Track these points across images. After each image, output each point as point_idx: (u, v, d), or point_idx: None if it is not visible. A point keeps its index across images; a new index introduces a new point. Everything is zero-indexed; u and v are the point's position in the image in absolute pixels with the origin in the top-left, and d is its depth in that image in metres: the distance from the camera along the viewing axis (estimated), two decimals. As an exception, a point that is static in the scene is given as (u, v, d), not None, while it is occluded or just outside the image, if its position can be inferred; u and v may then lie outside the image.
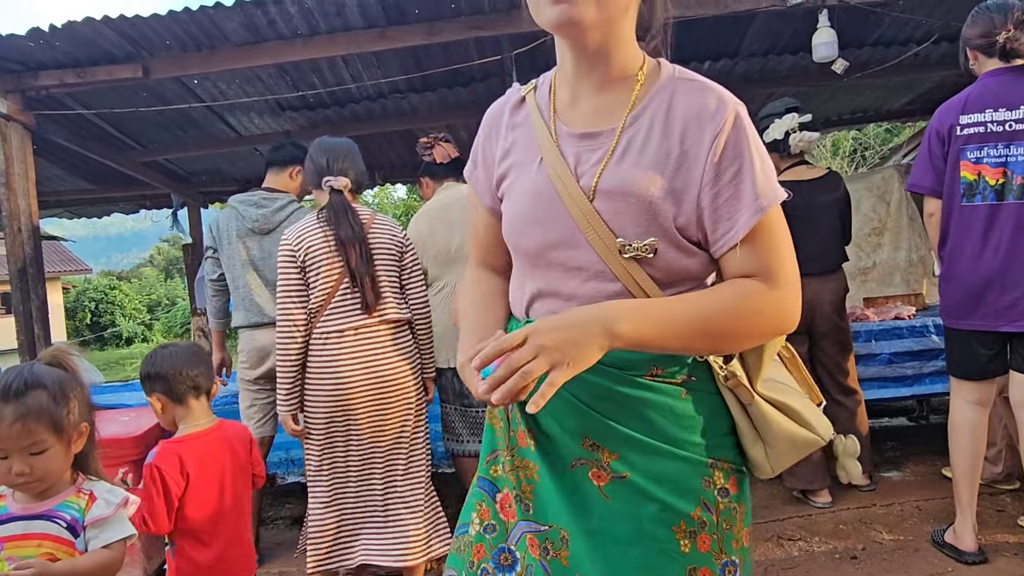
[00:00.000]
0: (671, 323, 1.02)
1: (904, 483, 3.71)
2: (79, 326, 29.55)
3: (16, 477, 1.48)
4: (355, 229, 2.62)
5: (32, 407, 1.46)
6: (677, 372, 1.10)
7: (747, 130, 1.03)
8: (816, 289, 3.40)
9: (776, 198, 1.03)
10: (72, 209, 7.12)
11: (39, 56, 3.75)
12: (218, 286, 3.44)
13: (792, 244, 1.08)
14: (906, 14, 4.12)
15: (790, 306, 1.07)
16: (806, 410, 1.17)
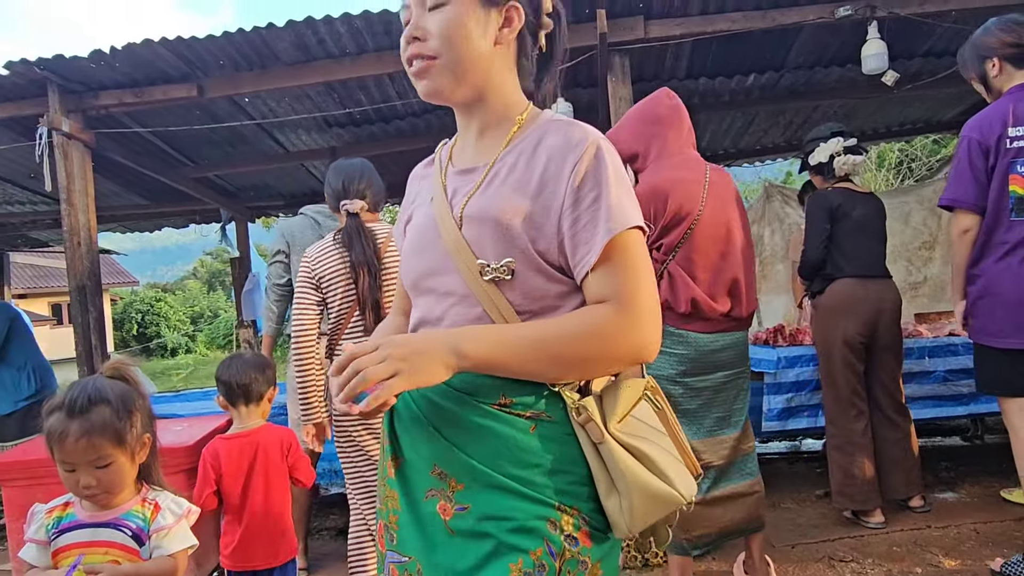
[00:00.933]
0: (514, 345, 1.03)
1: (960, 505, 3.60)
2: (126, 337, 30.29)
3: (84, 489, 1.52)
4: (367, 253, 2.62)
5: (96, 422, 1.51)
6: (529, 404, 1.07)
7: (607, 159, 1.06)
8: (879, 293, 3.38)
9: (627, 222, 1.04)
10: (126, 224, 7.33)
11: (99, 77, 3.89)
12: (283, 291, 3.45)
13: (652, 275, 1.08)
14: (958, 24, 4.04)
15: (639, 333, 1.04)
16: (667, 463, 1.09)
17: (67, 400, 1.53)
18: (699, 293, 2.53)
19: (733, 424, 2.65)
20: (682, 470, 1.11)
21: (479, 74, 1.13)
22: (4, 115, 4.07)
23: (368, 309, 2.60)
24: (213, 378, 2.58)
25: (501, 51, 1.15)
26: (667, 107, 2.69)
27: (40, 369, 4.93)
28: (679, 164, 2.62)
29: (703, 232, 2.57)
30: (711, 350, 2.60)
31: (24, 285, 22.57)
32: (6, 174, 5.42)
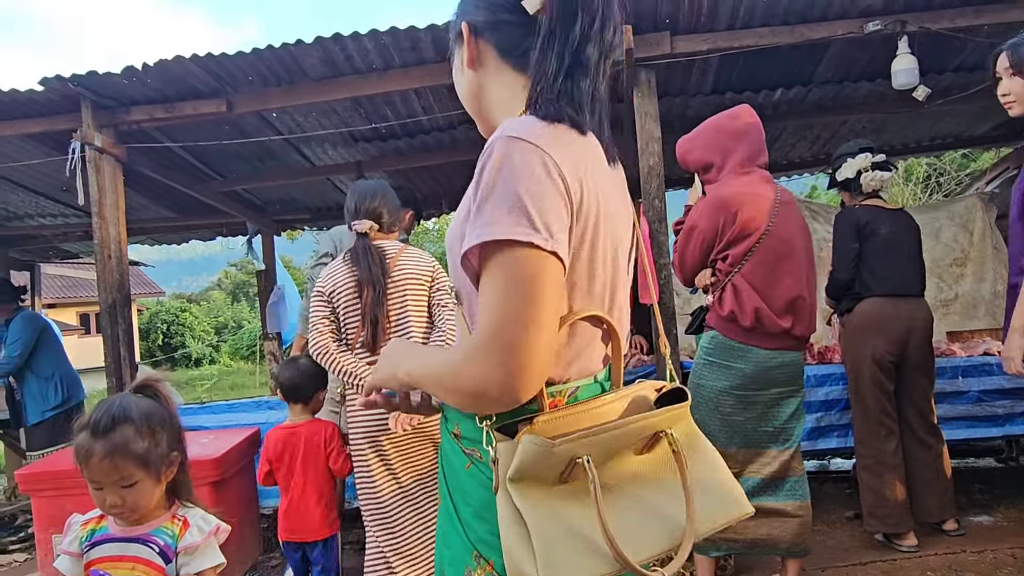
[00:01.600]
0: (425, 369, 1.02)
1: (996, 528, 3.52)
2: (152, 347, 30.66)
3: (110, 508, 1.53)
4: (373, 271, 2.73)
5: (119, 443, 1.52)
6: (470, 439, 1.04)
7: (493, 159, 0.91)
8: (909, 312, 3.32)
9: (481, 236, 0.89)
10: (154, 236, 7.42)
11: (131, 92, 3.95)
12: None
13: (526, 303, 0.88)
14: (991, 39, 3.97)
15: (472, 371, 0.90)
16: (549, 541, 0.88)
17: (91, 420, 1.55)
18: (763, 305, 2.55)
19: (783, 441, 2.65)
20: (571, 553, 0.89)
21: (476, 105, 1.15)
22: (38, 130, 4.14)
23: (368, 324, 2.70)
24: (237, 389, 2.85)
25: (481, 71, 1.11)
26: (745, 123, 2.73)
27: (67, 379, 5.01)
28: (751, 180, 2.66)
29: (770, 248, 2.59)
30: (768, 367, 2.61)
31: (53, 295, 22.96)
32: (39, 187, 5.51)
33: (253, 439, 3.65)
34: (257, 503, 3.83)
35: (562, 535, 0.89)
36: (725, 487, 1.05)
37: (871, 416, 3.34)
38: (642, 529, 0.94)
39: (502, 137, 0.92)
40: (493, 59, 1.09)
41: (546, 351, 0.91)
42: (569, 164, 0.93)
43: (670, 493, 0.99)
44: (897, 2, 3.60)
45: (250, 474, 3.67)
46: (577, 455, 0.91)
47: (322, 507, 2.92)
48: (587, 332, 1.03)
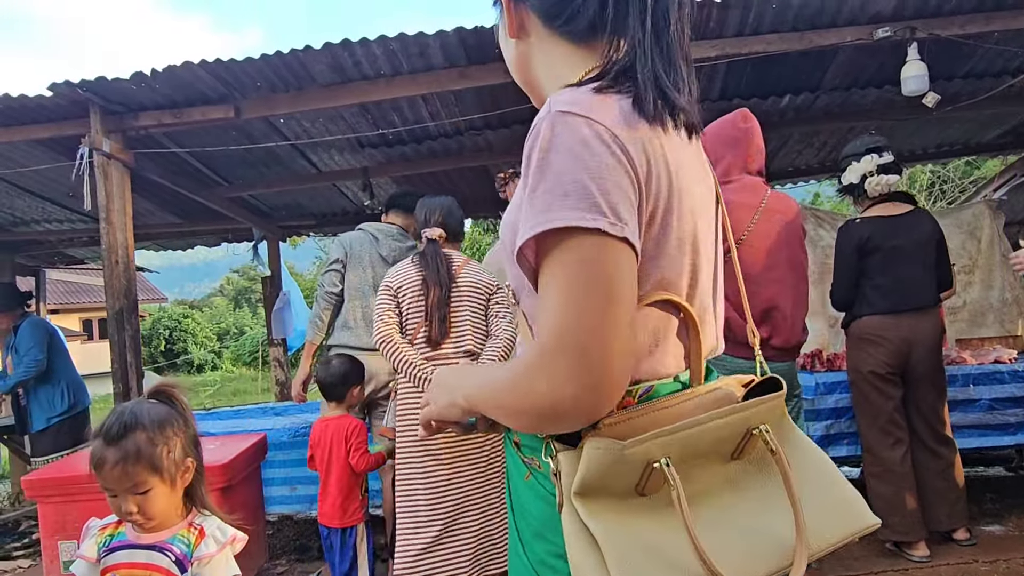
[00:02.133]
0: (483, 391, 0.89)
1: (1008, 538, 3.49)
2: (154, 353, 30.66)
3: (126, 515, 1.52)
4: (440, 272, 2.95)
5: (131, 450, 1.50)
6: (531, 447, 0.94)
7: (539, 142, 0.80)
8: (911, 327, 3.27)
9: (541, 224, 0.77)
10: (160, 242, 7.43)
11: (140, 98, 3.95)
12: (335, 300, 3.59)
13: (597, 295, 0.76)
14: (1000, 45, 3.97)
15: (542, 379, 0.77)
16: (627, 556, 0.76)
17: (104, 427, 1.53)
18: (733, 314, 2.51)
19: None
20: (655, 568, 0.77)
21: (524, 77, 1.03)
22: (47, 135, 4.14)
23: (435, 320, 2.89)
24: (240, 395, 2.88)
25: (527, 40, 0.99)
26: (738, 129, 2.71)
27: (73, 385, 5.00)
28: (736, 188, 2.63)
29: (747, 256, 2.55)
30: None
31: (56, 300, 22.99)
32: (46, 193, 5.52)
33: (260, 445, 3.63)
34: (263, 510, 3.81)
35: (643, 557, 0.76)
36: (840, 495, 0.89)
37: (877, 424, 3.31)
38: (739, 547, 0.80)
39: (549, 113, 0.81)
40: (537, 27, 0.97)
41: (626, 354, 0.78)
42: (630, 134, 0.80)
43: (771, 504, 0.85)
44: (907, 8, 3.59)
45: (257, 481, 3.65)
46: (653, 458, 0.79)
47: (340, 498, 3.05)
48: (663, 322, 0.89)
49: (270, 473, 4.10)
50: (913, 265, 3.30)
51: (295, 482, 4.27)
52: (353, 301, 3.54)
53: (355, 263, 3.56)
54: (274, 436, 4.00)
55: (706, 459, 0.85)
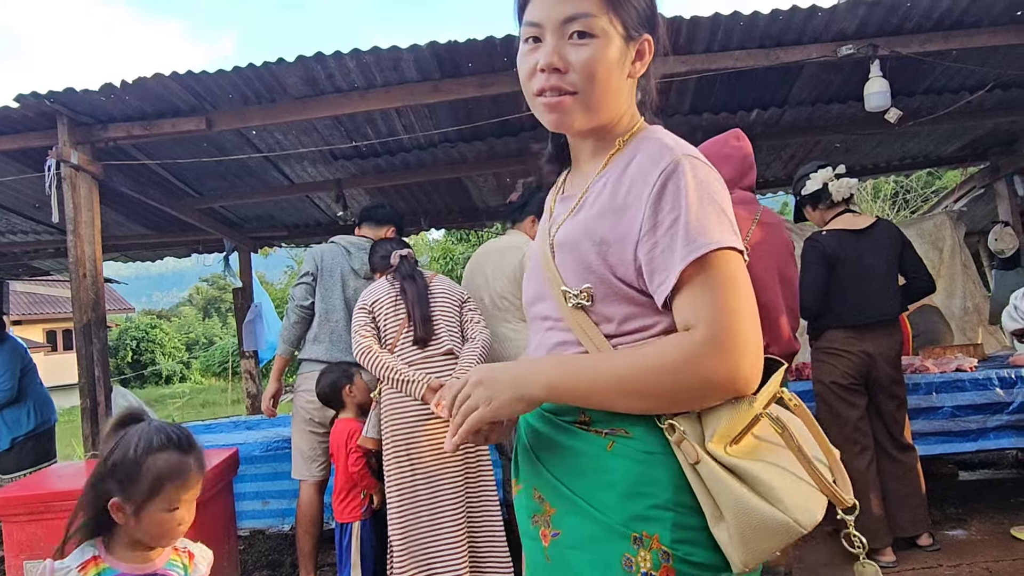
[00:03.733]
0: (591, 379, 1.02)
1: (970, 543, 3.58)
2: (120, 364, 30.08)
3: (178, 526, 1.51)
4: (417, 279, 3.17)
5: (202, 455, 1.58)
6: (607, 422, 1.05)
7: (687, 176, 1.00)
8: (874, 341, 3.35)
9: (710, 244, 0.96)
10: (128, 253, 7.31)
11: (109, 109, 3.91)
12: (305, 313, 3.56)
13: (748, 300, 1.00)
14: (959, 63, 4.11)
15: (726, 363, 0.96)
16: (785, 486, 0.96)
17: (175, 438, 1.53)
18: None
19: None
20: (806, 494, 0.98)
21: (611, 109, 1.11)
22: (13, 147, 4.08)
23: (417, 321, 3.04)
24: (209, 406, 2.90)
25: (631, 82, 1.13)
26: (732, 147, 2.80)
27: (40, 403, 4.88)
28: (733, 200, 2.65)
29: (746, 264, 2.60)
30: None
31: (20, 311, 22.50)
32: (11, 204, 5.42)
33: (231, 460, 3.59)
34: (235, 526, 3.77)
35: (788, 479, 0.98)
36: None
37: (843, 434, 3.38)
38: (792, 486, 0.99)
39: (686, 156, 1.02)
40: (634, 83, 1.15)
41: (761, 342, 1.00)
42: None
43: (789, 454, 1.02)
44: (869, 27, 3.69)
45: (228, 496, 3.61)
46: (760, 411, 1.00)
47: (340, 495, 3.23)
48: None
49: (242, 487, 4.06)
50: (877, 279, 3.39)
51: (267, 496, 4.23)
52: (324, 314, 3.52)
53: (326, 276, 3.55)
54: (246, 450, 3.96)
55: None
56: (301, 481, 3.53)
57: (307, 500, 3.49)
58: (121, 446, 1.50)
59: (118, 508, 1.46)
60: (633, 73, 1.11)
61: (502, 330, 3.38)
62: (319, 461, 3.49)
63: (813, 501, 0.98)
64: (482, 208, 6.74)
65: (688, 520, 0.99)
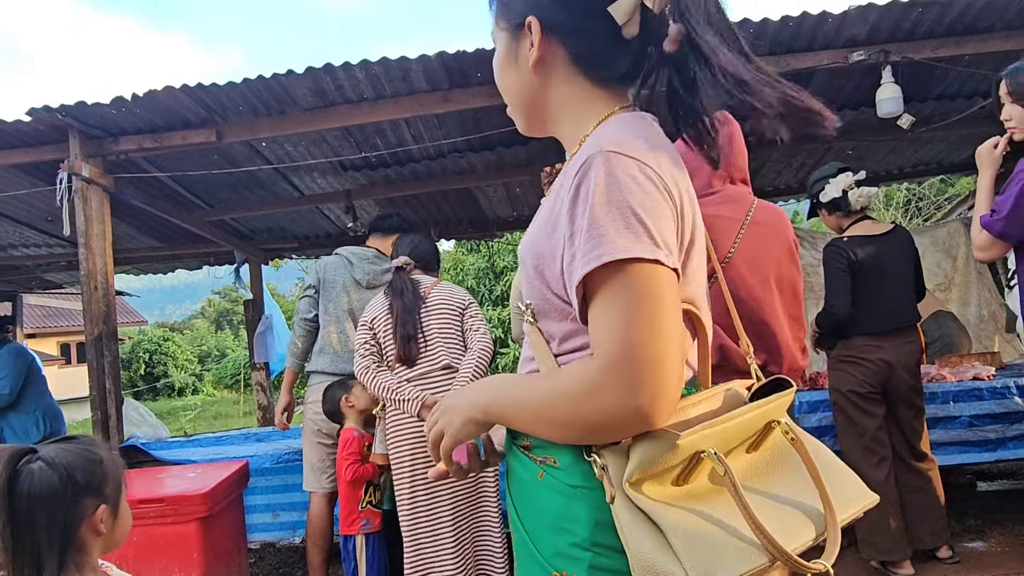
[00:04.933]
0: (514, 404, 0.96)
1: (990, 554, 3.51)
2: (133, 376, 30.23)
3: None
4: (406, 295, 3.07)
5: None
6: (543, 448, 0.98)
7: (596, 177, 0.86)
8: (892, 349, 3.29)
9: (608, 254, 0.83)
10: (140, 266, 7.35)
11: (120, 122, 3.93)
12: (309, 326, 3.56)
13: (654, 323, 0.84)
14: (971, 68, 4.07)
15: (621, 392, 0.83)
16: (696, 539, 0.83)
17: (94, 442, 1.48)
18: (727, 341, 2.33)
19: None
20: (732, 550, 0.84)
21: (531, 107, 1.06)
22: (25, 160, 4.11)
23: (399, 340, 2.99)
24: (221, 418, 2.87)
25: (545, 73, 1.02)
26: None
27: (49, 414, 4.88)
28: (719, 200, 2.44)
29: (734, 275, 2.38)
30: None
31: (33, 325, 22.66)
32: (24, 218, 5.46)
33: (242, 473, 3.58)
34: (245, 538, 3.75)
35: (705, 530, 0.84)
36: (845, 476, 1.00)
37: (861, 444, 3.33)
38: (782, 520, 0.88)
39: (601, 152, 0.88)
40: (564, 65, 1.01)
41: (680, 368, 0.86)
42: (669, 173, 0.90)
43: (796, 483, 0.94)
44: (880, 32, 3.67)
45: (239, 508, 3.60)
46: (699, 448, 0.86)
47: (343, 507, 3.23)
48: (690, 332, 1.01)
49: (252, 500, 4.04)
50: (896, 286, 3.34)
51: (277, 509, 4.21)
52: (328, 327, 3.51)
53: (328, 288, 3.54)
54: (256, 463, 3.94)
55: (735, 450, 0.94)
56: (311, 493, 3.52)
57: (316, 512, 3.48)
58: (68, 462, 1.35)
59: (101, 517, 1.37)
60: (534, 62, 1.00)
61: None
62: (328, 473, 3.48)
63: (734, 559, 0.83)
64: (492, 218, 6.73)
65: (607, 562, 0.90)
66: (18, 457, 1.31)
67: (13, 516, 1.27)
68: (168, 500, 3.10)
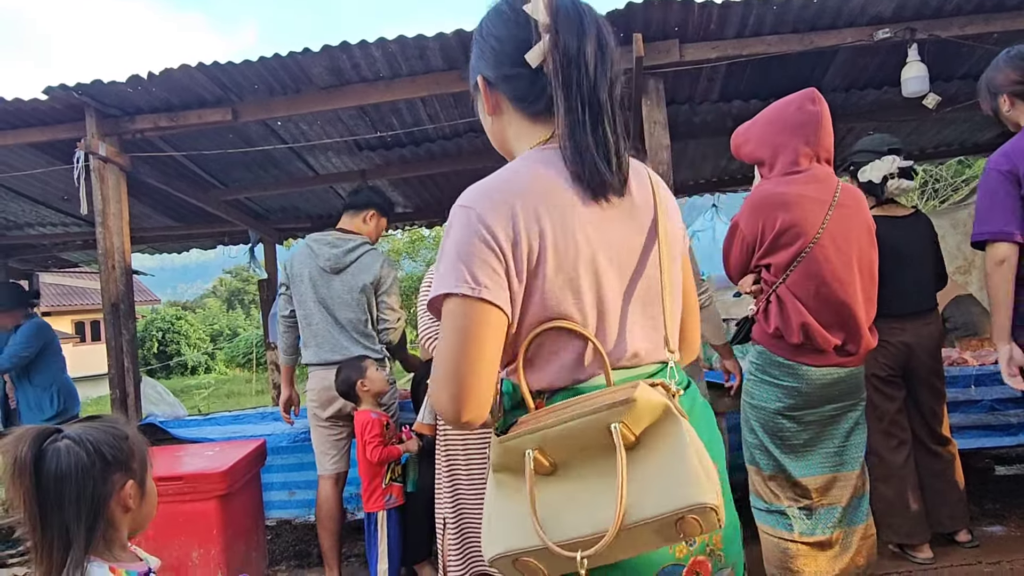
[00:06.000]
0: None
1: (1010, 539, 3.49)
2: (147, 355, 30.50)
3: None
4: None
5: None
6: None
7: (447, 225, 1.11)
8: (913, 331, 3.25)
9: (435, 291, 1.08)
10: (155, 245, 7.38)
11: (136, 101, 3.92)
12: (289, 322, 3.55)
13: (456, 347, 1.06)
14: (1000, 46, 3.97)
15: (435, 399, 1.10)
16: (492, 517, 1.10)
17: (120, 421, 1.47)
18: (811, 320, 2.37)
19: (850, 461, 2.51)
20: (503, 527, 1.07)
21: (500, 145, 1.30)
22: (42, 139, 4.11)
23: None
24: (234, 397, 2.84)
25: (499, 116, 1.25)
26: (806, 112, 2.45)
27: (64, 390, 4.90)
28: (804, 179, 2.44)
29: (821, 256, 2.40)
30: (823, 384, 2.44)
31: (48, 303, 22.86)
32: (40, 197, 5.47)
33: (259, 451, 3.60)
34: (263, 516, 3.78)
35: (500, 512, 1.07)
36: (679, 478, 0.99)
37: (880, 427, 3.30)
38: (576, 514, 1.01)
39: (455, 204, 1.11)
40: (508, 106, 1.23)
41: (486, 386, 1.07)
42: (512, 217, 1.07)
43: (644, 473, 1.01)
44: (907, 10, 3.59)
45: (256, 486, 3.62)
46: (524, 448, 1.05)
47: (364, 485, 3.22)
48: (557, 344, 1.13)
49: (269, 478, 4.07)
50: (916, 268, 3.29)
51: (294, 487, 4.24)
52: (304, 320, 3.47)
53: (297, 282, 3.47)
54: (273, 441, 3.97)
55: (591, 450, 1.03)
56: (319, 476, 3.54)
57: (322, 495, 3.49)
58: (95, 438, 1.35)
59: (130, 493, 1.37)
60: (489, 111, 1.25)
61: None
62: (330, 455, 3.49)
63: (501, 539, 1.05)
64: (506, 199, 6.68)
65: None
66: (43, 437, 1.31)
67: (40, 495, 1.27)
68: (187, 478, 3.12)
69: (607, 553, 0.98)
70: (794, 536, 2.48)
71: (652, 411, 1.02)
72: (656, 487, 0.99)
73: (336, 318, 3.39)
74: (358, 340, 3.41)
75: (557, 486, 1.04)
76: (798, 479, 2.47)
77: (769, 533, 2.54)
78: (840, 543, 2.48)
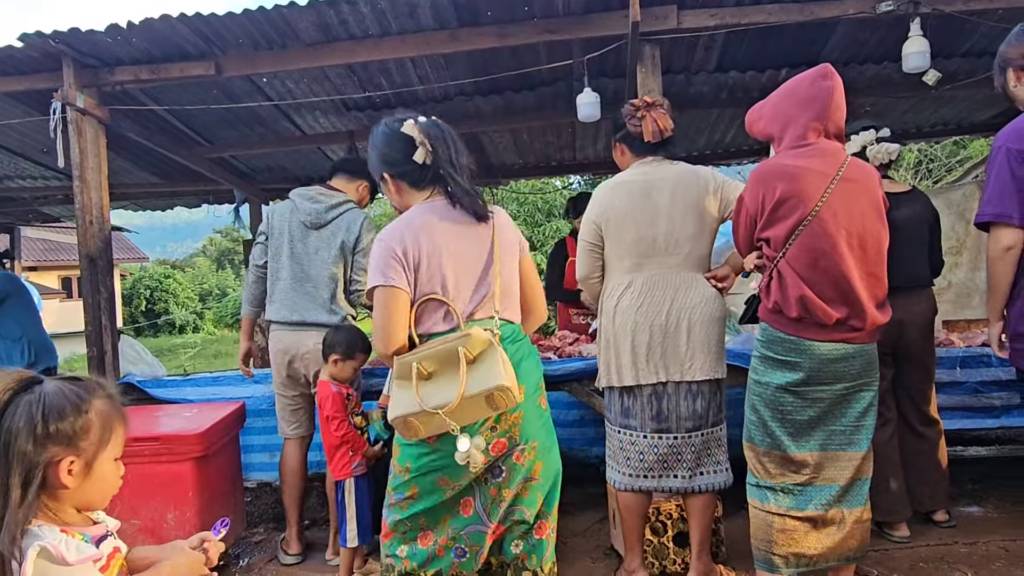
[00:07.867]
0: None
1: (986, 520, 3.51)
2: (134, 312, 30.37)
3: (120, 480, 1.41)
4: None
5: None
6: None
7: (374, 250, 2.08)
8: (903, 306, 3.21)
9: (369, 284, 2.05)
10: (138, 202, 7.25)
11: (116, 52, 3.79)
12: (259, 272, 3.48)
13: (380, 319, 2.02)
14: (1003, 23, 3.89)
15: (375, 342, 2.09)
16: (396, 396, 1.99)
17: (103, 385, 1.39)
18: (809, 293, 2.34)
19: (859, 442, 2.48)
20: (401, 401, 1.96)
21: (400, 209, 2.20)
22: (19, 88, 3.98)
23: None
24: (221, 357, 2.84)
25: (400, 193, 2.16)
26: (817, 87, 2.43)
27: (36, 344, 4.73)
28: (810, 152, 2.40)
29: (820, 229, 2.36)
30: (830, 360, 2.40)
31: (35, 258, 22.65)
32: (18, 148, 5.34)
33: (238, 413, 3.56)
34: (241, 478, 3.75)
35: (398, 397, 1.97)
36: (492, 377, 1.88)
37: (865, 404, 3.29)
38: (439, 395, 1.90)
39: (377, 237, 2.07)
40: (405, 186, 2.13)
41: (401, 333, 2.01)
42: (404, 241, 2.00)
43: (475, 375, 1.90)
44: (911, -18, 3.50)
45: (235, 449, 3.59)
46: (411, 362, 1.96)
47: (329, 455, 3.09)
48: (432, 308, 2.05)
49: (249, 440, 4.03)
50: (909, 244, 3.25)
51: (274, 449, 4.20)
52: (274, 274, 3.40)
53: (276, 236, 3.40)
54: (253, 404, 3.93)
55: (449, 364, 1.94)
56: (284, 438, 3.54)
57: (284, 455, 3.49)
58: (50, 403, 1.28)
59: (68, 468, 1.28)
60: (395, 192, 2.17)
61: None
62: (289, 422, 3.48)
63: (403, 407, 1.94)
64: (497, 165, 6.60)
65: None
66: (22, 386, 1.30)
67: None
68: (163, 439, 3.08)
69: (456, 415, 1.88)
70: (781, 510, 2.47)
71: (482, 343, 1.92)
72: (479, 379, 1.88)
73: (307, 275, 3.32)
74: (320, 305, 3.31)
75: (430, 384, 1.94)
76: (794, 455, 2.45)
77: (757, 507, 2.53)
78: (837, 523, 2.47)
